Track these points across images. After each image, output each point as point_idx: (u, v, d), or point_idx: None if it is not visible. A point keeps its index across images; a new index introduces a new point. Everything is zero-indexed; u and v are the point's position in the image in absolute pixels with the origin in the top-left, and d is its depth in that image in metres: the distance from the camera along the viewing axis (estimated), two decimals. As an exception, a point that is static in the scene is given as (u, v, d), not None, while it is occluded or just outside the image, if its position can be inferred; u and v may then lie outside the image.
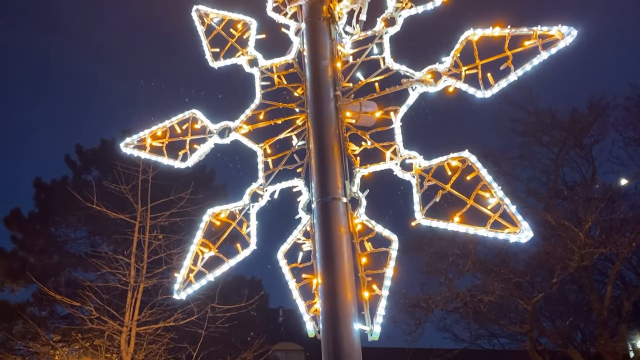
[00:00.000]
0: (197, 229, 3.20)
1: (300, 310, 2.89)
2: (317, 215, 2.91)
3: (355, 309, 2.70)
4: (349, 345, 2.60)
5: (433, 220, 2.82)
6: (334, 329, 2.64)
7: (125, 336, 8.50)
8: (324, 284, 2.75)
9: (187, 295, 3.11)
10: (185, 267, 3.12)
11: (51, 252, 16.23)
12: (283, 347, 25.54)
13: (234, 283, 17.27)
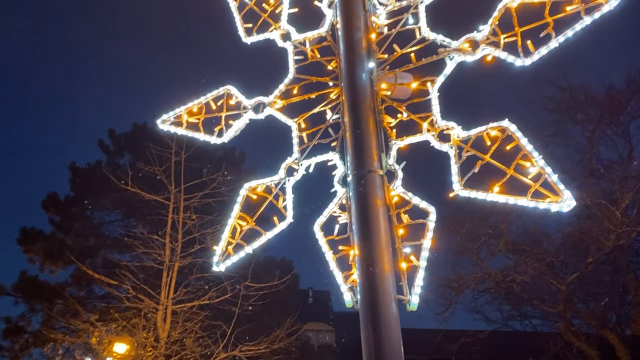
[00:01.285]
0: (235, 203, 3.24)
1: (338, 281, 2.90)
2: (353, 188, 2.91)
3: (392, 279, 2.70)
4: (387, 315, 2.61)
5: (472, 191, 2.79)
6: (372, 299, 2.64)
7: (161, 314, 8.72)
8: (361, 255, 2.75)
9: (226, 267, 3.17)
10: (224, 240, 3.17)
11: (87, 234, 16.67)
12: (314, 327, 25.81)
13: (265, 264, 17.50)
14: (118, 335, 9.97)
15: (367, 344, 2.68)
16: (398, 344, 2.63)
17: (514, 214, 16.01)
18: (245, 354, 9.32)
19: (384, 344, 2.60)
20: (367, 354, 2.69)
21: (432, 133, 2.95)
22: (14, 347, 15.56)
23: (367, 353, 2.69)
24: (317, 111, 3.32)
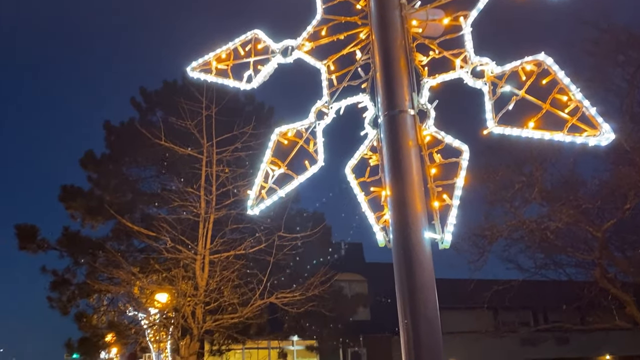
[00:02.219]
0: (266, 148, 3.27)
1: (370, 221, 2.93)
2: (384, 129, 2.89)
3: (425, 218, 2.71)
4: (420, 252, 2.64)
5: (506, 128, 2.74)
6: (404, 238, 2.67)
7: (199, 264, 9.02)
8: (393, 195, 2.76)
9: (260, 210, 3.23)
10: (257, 184, 3.22)
11: (125, 190, 17.11)
12: (346, 277, 26.23)
13: (297, 217, 17.76)
14: (159, 285, 10.36)
15: (400, 281, 2.73)
16: (431, 280, 2.67)
17: (548, 161, 15.70)
18: (281, 301, 9.61)
19: (416, 281, 2.64)
20: (400, 292, 2.75)
21: (465, 70, 2.88)
22: (62, 298, 16.40)
23: (401, 291, 2.74)
24: (346, 52, 3.26)
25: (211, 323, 8.84)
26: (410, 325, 2.66)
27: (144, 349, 40.43)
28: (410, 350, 2.62)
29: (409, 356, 2.63)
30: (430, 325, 2.64)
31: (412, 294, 2.66)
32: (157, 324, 12.30)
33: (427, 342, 2.60)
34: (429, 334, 2.61)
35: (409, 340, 2.64)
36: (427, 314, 2.65)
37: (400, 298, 2.76)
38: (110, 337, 19.33)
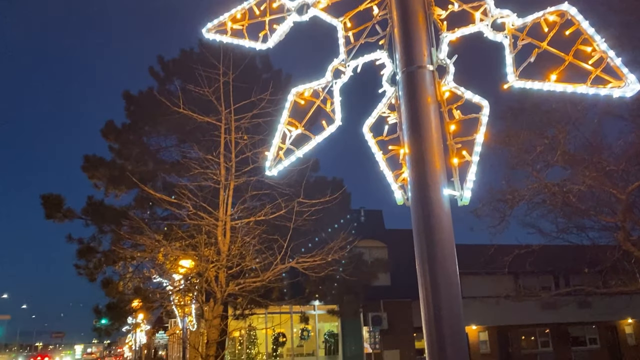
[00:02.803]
0: (283, 109, 3.25)
1: (388, 180, 2.92)
2: (402, 86, 2.84)
3: (444, 175, 2.69)
4: (439, 209, 2.62)
5: (527, 81, 2.67)
6: (423, 196, 2.65)
7: (221, 230, 9.15)
8: (412, 153, 2.74)
9: (277, 171, 3.24)
10: (275, 145, 3.21)
11: (146, 159, 17.32)
12: (366, 244, 26.43)
13: (317, 183, 17.82)
14: (183, 251, 10.56)
15: (418, 239, 2.73)
16: (450, 238, 2.67)
17: (572, 124, 15.37)
18: (302, 265, 9.73)
19: (435, 238, 2.64)
20: (419, 250, 2.75)
21: (485, 23, 2.80)
22: (89, 265, 16.88)
23: (419, 249, 2.74)
24: (363, 8, 3.20)
25: (234, 287, 9.02)
26: (429, 282, 2.68)
27: (169, 313, 41.66)
28: (430, 308, 2.64)
29: (428, 315, 2.65)
30: (450, 283, 2.64)
31: (431, 251, 2.66)
32: (181, 289, 12.61)
33: (447, 300, 2.61)
34: (449, 291, 2.62)
35: (428, 297, 2.66)
36: (447, 271, 2.66)
37: (419, 256, 2.76)
38: (137, 302, 19.93)
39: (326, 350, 30.10)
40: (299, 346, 29.94)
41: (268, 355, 28.93)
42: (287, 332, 29.57)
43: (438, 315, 2.55)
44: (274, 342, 29.33)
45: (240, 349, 28.86)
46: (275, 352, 29.36)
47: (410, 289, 30.69)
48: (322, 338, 30.19)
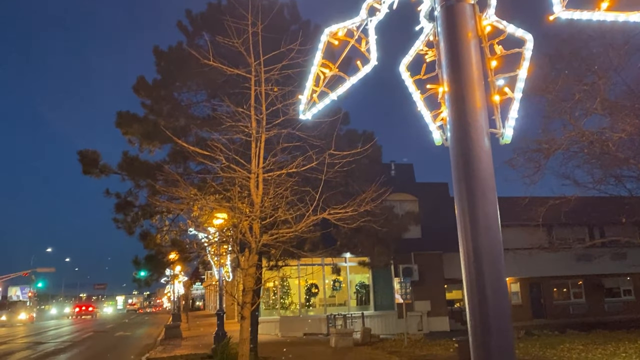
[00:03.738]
0: (316, 50, 3.18)
1: (426, 120, 2.86)
2: (441, 22, 2.73)
3: (485, 113, 2.61)
4: (480, 149, 2.56)
5: (575, 12, 2.53)
6: (463, 135, 2.59)
7: (253, 182, 9.24)
8: (451, 91, 2.66)
9: (312, 114, 3.20)
10: (308, 88, 3.17)
11: (177, 115, 17.45)
12: (397, 197, 26.43)
13: (347, 136, 17.74)
14: (217, 203, 10.74)
15: (457, 180, 2.68)
16: (490, 177, 2.61)
17: (613, 70, 14.74)
18: (333, 217, 9.79)
19: (475, 178, 2.58)
20: (458, 191, 2.70)
21: (530, -50, 2.65)
22: (127, 219, 17.38)
23: (458, 190, 2.70)
24: (398, -59, 3.05)
25: (268, 237, 9.18)
26: (469, 224, 2.64)
27: (206, 265, 42.84)
28: (470, 249, 2.61)
29: (467, 255, 2.62)
30: (490, 224, 2.60)
31: (471, 191, 2.61)
32: (216, 241, 12.93)
33: (487, 241, 2.58)
34: (489, 232, 2.59)
35: (468, 239, 2.62)
36: (487, 212, 2.61)
37: (458, 198, 2.72)
38: (174, 255, 20.58)
39: (357, 301, 30.73)
40: (331, 296, 30.64)
41: (301, 305, 29.72)
42: (319, 283, 30.24)
43: (478, 255, 2.53)
44: (307, 293, 30.07)
45: (274, 298, 29.72)
46: (308, 302, 30.14)
47: (441, 242, 30.88)
48: (353, 289, 30.78)
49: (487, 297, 2.54)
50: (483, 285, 2.50)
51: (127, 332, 38.72)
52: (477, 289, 2.57)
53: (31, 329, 45.18)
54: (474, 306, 2.56)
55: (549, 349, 17.66)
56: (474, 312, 2.57)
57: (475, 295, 2.58)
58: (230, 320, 33.93)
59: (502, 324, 2.48)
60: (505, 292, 2.56)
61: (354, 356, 17.74)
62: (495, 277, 2.51)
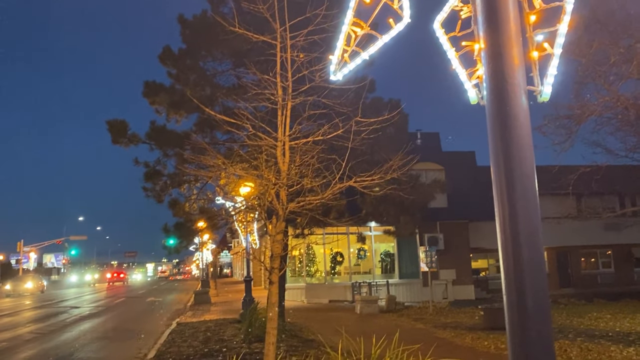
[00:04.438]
0: (347, 9, 3.13)
1: (461, 78, 2.80)
2: (478, -25, 2.64)
3: (522, 70, 2.54)
4: (517, 106, 2.51)
5: (621, -39, 2.42)
6: (500, 92, 2.53)
7: (280, 150, 9.25)
8: (488, 48, 2.59)
9: (343, 75, 3.17)
10: (339, 47, 3.13)
11: (203, 84, 17.50)
12: (423, 166, 26.29)
13: (373, 105, 17.56)
14: (245, 171, 10.80)
15: (494, 139, 2.64)
16: (528, 136, 2.56)
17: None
18: (360, 184, 9.77)
19: (512, 136, 2.53)
20: (494, 151, 2.66)
21: None
22: (156, 188, 17.68)
23: (494, 150, 2.65)
24: None
25: (294, 205, 9.24)
26: (504, 185, 2.60)
27: (233, 233, 43.36)
28: (505, 209, 2.58)
29: (503, 215, 2.59)
30: (527, 185, 2.56)
31: (507, 151, 2.57)
32: (244, 209, 13.07)
33: (523, 201, 2.54)
34: (525, 193, 2.54)
35: (504, 199, 2.58)
36: (523, 173, 2.57)
37: (494, 158, 2.68)
38: (202, 223, 20.95)
39: (382, 269, 30.97)
40: (356, 265, 30.93)
41: (326, 272, 30.09)
42: (344, 252, 30.50)
43: (514, 214, 2.50)
44: (332, 261, 30.40)
45: (300, 266, 30.15)
46: (333, 270, 30.49)
47: (467, 211, 30.67)
48: (378, 257, 30.99)
49: (523, 258, 2.51)
50: (519, 243, 2.48)
51: (158, 297, 39.87)
52: (512, 249, 2.54)
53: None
54: (508, 268, 2.55)
55: (576, 318, 17.58)
56: (508, 274, 2.55)
57: (510, 257, 2.56)
58: (257, 287, 34.60)
59: (538, 287, 2.46)
60: (541, 253, 2.53)
61: (379, 322, 17.97)
62: (531, 236, 2.48)
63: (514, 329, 2.48)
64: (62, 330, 18.92)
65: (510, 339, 2.51)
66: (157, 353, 12.64)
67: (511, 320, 2.51)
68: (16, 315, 26.52)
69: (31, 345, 15.57)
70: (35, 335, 17.79)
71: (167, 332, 16.62)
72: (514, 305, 2.51)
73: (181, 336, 15.42)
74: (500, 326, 15.34)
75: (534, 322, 2.44)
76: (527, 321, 2.43)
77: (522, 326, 2.41)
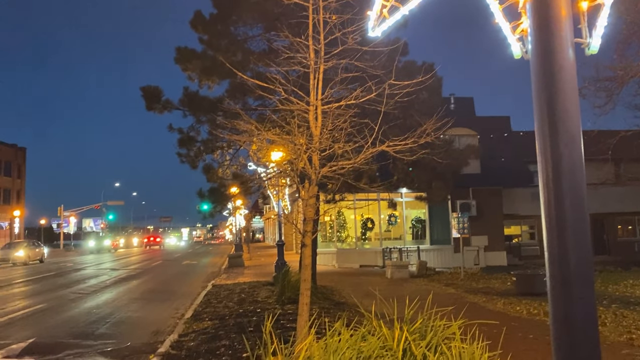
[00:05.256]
0: (386, -37, 3.05)
1: (505, 32, 2.72)
2: None
3: (570, 22, 2.44)
4: (563, 59, 2.42)
5: None
6: (545, 45, 2.45)
7: (312, 114, 9.23)
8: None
9: (382, 31, 3.11)
10: (377, 3, 3.07)
11: (234, 50, 17.45)
12: (456, 132, 25.89)
13: (405, 68, 17.23)
14: (277, 137, 10.83)
15: (538, 93, 2.56)
16: (574, 90, 2.48)
17: None
18: (393, 148, 9.69)
19: (558, 91, 2.46)
20: (538, 105, 2.59)
21: None
22: (190, 154, 17.96)
23: (539, 104, 2.58)
24: None
25: (327, 169, 9.26)
26: (549, 143, 2.53)
27: (265, 198, 43.89)
28: (549, 170, 2.52)
29: (546, 176, 2.54)
30: (572, 143, 2.49)
31: (552, 106, 2.50)
32: (276, 174, 13.17)
33: (568, 161, 2.47)
34: (571, 152, 2.47)
35: (547, 159, 2.53)
36: (569, 130, 2.50)
37: (538, 115, 2.61)
38: (235, 188, 21.26)
39: (413, 235, 30.98)
40: (387, 231, 31.02)
41: (357, 238, 30.30)
42: (375, 218, 30.58)
43: (557, 171, 2.45)
44: (363, 227, 30.55)
45: (331, 232, 30.41)
46: (364, 236, 30.67)
47: (500, 177, 30.19)
48: (409, 224, 30.98)
49: (566, 217, 2.46)
50: (562, 205, 2.44)
51: (193, 261, 40.99)
52: (555, 209, 2.50)
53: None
54: (551, 228, 2.51)
55: (611, 285, 17.34)
56: (551, 233, 2.51)
57: (554, 218, 2.51)
58: (288, 252, 35.15)
59: (581, 250, 2.42)
60: (585, 215, 2.47)
61: (410, 287, 18.09)
62: (576, 198, 2.43)
63: (556, 290, 2.46)
64: (102, 291, 19.72)
65: (552, 301, 2.49)
66: (194, 313, 13.08)
67: (553, 281, 2.48)
68: (61, 277, 27.72)
69: (74, 304, 16.31)
70: (78, 295, 18.59)
71: (203, 294, 17.13)
72: (556, 264, 2.48)
73: (216, 297, 15.89)
74: (533, 292, 15.29)
75: (576, 284, 2.41)
76: (570, 283, 2.40)
77: (565, 283, 2.39)
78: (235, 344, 8.83)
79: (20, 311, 14.82)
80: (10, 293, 19.74)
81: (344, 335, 4.65)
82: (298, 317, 7.74)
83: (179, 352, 8.74)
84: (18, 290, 21.04)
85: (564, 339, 2.43)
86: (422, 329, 5.28)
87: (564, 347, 2.42)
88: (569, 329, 2.41)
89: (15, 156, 67.72)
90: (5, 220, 64.97)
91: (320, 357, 4.03)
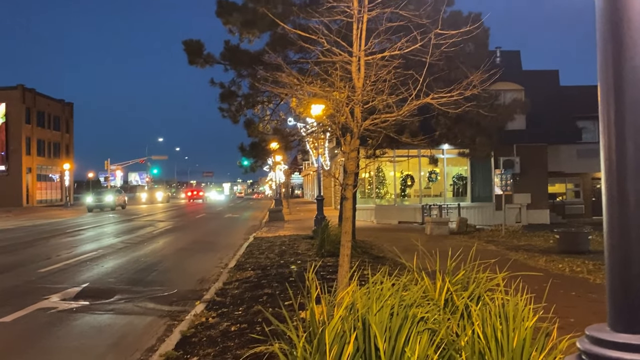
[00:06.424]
0: None
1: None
2: None
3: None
4: (632, 11, 2.26)
5: None
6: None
7: (355, 65, 9.07)
8: None
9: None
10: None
11: (275, 2, 17.20)
12: (502, 86, 25.05)
13: (451, 19, 16.61)
14: (319, 89, 10.73)
15: (603, 42, 2.40)
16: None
17: None
18: (437, 101, 9.46)
19: (624, 38, 2.31)
20: (603, 56, 2.44)
21: None
22: (231, 108, 18.09)
23: (603, 54, 2.44)
24: None
25: (369, 122, 9.16)
26: (612, 89, 2.41)
27: (304, 154, 44.18)
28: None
29: (608, 120, 2.42)
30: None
31: (618, 51, 2.35)
32: (317, 128, 13.14)
33: (634, 106, 2.35)
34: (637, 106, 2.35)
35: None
36: (636, 74, 2.36)
37: (601, 59, 2.45)
38: (276, 144, 21.41)
39: (454, 192, 30.68)
40: (426, 188, 30.80)
41: (396, 195, 30.24)
42: (415, 175, 30.35)
43: (620, 119, 2.33)
44: (402, 184, 30.41)
45: (370, 188, 30.42)
46: (403, 193, 30.57)
47: (546, 133, 29.26)
48: (450, 181, 30.63)
49: (627, 177, 2.36)
50: (624, 159, 2.33)
51: (235, 214, 41.99)
52: (616, 165, 2.39)
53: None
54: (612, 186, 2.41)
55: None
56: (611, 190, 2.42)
57: (614, 177, 2.41)
58: (327, 207, 35.46)
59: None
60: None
61: (450, 243, 18.04)
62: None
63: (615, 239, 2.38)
64: (149, 242, 20.51)
65: (609, 261, 2.42)
66: (237, 263, 13.48)
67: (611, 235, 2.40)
68: (106, 227, 28.91)
69: (122, 253, 17.05)
70: (126, 245, 19.41)
71: (245, 245, 17.60)
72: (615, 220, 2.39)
73: (258, 249, 16.29)
74: (576, 250, 15.04)
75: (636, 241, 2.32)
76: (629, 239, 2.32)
77: (622, 226, 2.31)
78: (277, 292, 9.09)
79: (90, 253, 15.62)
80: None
81: (385, 284, 4.70)
82: (339, 268, 7.86)
83: (223, 299, 9.07)
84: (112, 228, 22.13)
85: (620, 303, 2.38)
86: (464, 281, 5.29)
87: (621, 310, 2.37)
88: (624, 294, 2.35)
89: (62, 111, 69.84)
90: (56, 173, 67.75)
91: (364, 303, 4.10)
